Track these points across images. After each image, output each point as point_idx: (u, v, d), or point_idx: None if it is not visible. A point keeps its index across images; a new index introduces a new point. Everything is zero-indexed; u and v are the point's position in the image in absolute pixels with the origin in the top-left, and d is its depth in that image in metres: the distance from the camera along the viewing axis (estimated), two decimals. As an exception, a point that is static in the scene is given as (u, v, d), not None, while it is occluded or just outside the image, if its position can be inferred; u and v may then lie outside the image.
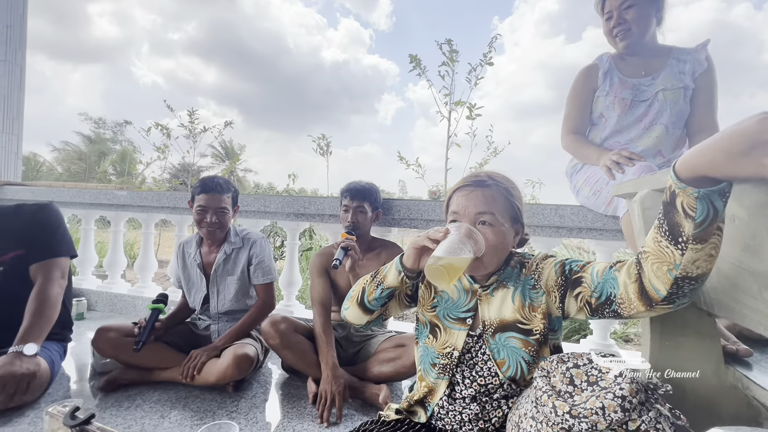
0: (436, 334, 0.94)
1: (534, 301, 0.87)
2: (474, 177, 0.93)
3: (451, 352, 0.91)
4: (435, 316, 0.96)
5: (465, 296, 0.94)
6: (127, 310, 2.49)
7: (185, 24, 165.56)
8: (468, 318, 0.92)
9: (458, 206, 0.90)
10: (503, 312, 0.88)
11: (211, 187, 1.58)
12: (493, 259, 0.87)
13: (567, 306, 0.84)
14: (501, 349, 0.87)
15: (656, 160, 1.43)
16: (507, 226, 0.88)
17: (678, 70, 1.42)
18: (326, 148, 6.01)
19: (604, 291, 0.77)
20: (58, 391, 1.42)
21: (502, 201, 0.89)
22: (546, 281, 0.86)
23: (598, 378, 0.71)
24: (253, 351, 1.46)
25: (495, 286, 0.92)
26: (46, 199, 2.60)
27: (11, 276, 1.41)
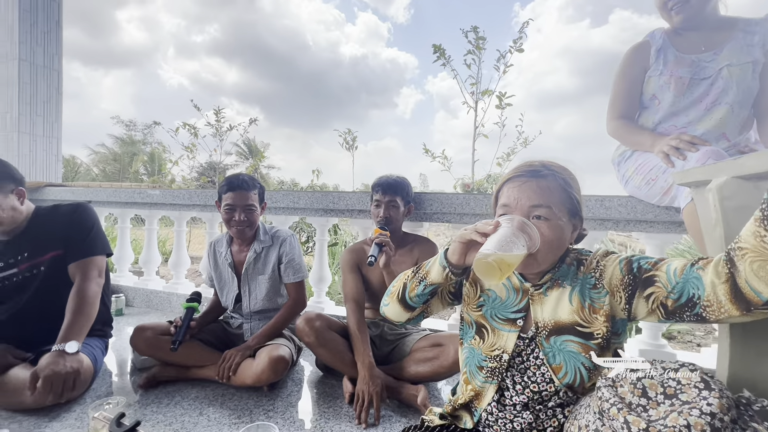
0: (483, 335, 0.88)
1: (595, 301, 0.79)
2: (527, 166, 0.84)
3: (500, 354, 0.85)
4: (481, 316, 0.89)
5: (515, 295, 0.87)
6: (163, 305, 2.55)
7: (207, 26, 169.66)
8: (518, 319, 0.85)
9: (510, 198, 0.82)
10: (559, 313, 0.81)
11: (237, 185, 1.56)
12: (549, 256, 0.80)
13: (635, 308, 0.76)
14: (557, 354, 0.80)
15: (720, 143, 1.29)
16: (564, 220, 0.80)
17: (745, 43, 1.28)
18: (352, 143, 5.98)
19: (684, 292, 0.68)
20: (101, 387, 1.46)
21: (559, 193, 0.80)
22: (610, 280, 0.78)
23: (677, 390, 0.63)
24: (287, 352, 1.44)
25: (549, 285, 0.84)
26: (84, 198, 2.69)
27: (51, 275, 1.45)
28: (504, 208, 0.83)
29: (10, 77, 3.13)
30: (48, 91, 3.28)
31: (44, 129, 3.28)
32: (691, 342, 3.01)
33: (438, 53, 4.46)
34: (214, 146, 6.61)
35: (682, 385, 0.64)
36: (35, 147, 3.23)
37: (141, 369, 1.61)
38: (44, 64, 3.23)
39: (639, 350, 1.63)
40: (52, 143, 3.34)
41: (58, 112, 3.38)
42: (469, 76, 4.41)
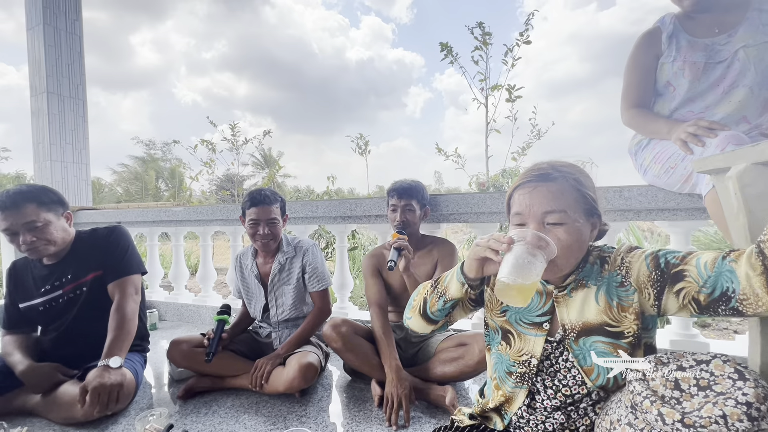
0: (509, 341, 0.87)
1: (623, 300, 0.77)
2: (535, 170, 0.82)
3: (529, 360, 0.84)
4: (506, 322, 0.88)
5: (538, 299, 0.85)
6: (193, 318, 2.65)
7: (216, 42, 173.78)
8: (544, 322, 0.84)
9: (521, 206, 0.80)
10: (586, 314, 0.80)
11: (259, 200, 1.63)
12: (570, 260, 0.78)
13: (664, 303, 0.74)
14: (587, 355, 0.79)
15: (740, 127, 1.26)
16: (582, 221, 0.78)
17: (761, 23, 1.24)
18: (365, 147, 6.04)
19: (718, 285, 0.67)
20: (143, 399, 1.53)
21: (572, 194, 0.78)
22: (637, 277, 0.76)
23: (710, 382, 0.63)
24: (316, 359, 1.49)
25: (573, 286, 0.82)
26: (114, 220, 2.82)
27: (92, 295, 1.54)
28: (517, 216, 0.82)
29: (40, 109, 3.32)
30: (75, 119, 3.46)
31: (74, 156, 3.47)
32: (726, 329, 2.91)
33: (445, 51, 4.46)
34: (231, 159, 6.80)
35: (716, 377, 0.63)
36: (66, 173, 3.41)
37: (178, 380, 1.68)
38: (70, 94, 3.42)
39: (670, 341, 1.60)
40: (81, 169, 3.52)
41: (85, 138, 3.56)
42: (478, 72, 4.40)
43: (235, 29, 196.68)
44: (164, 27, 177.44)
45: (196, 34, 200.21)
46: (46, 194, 1.48)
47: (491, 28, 4.37)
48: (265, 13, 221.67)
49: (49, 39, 3.29)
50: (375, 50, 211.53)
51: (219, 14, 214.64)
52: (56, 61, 3.33)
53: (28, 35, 3.40)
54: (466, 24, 4.34)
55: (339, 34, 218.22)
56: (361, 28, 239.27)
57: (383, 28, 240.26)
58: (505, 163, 4.64)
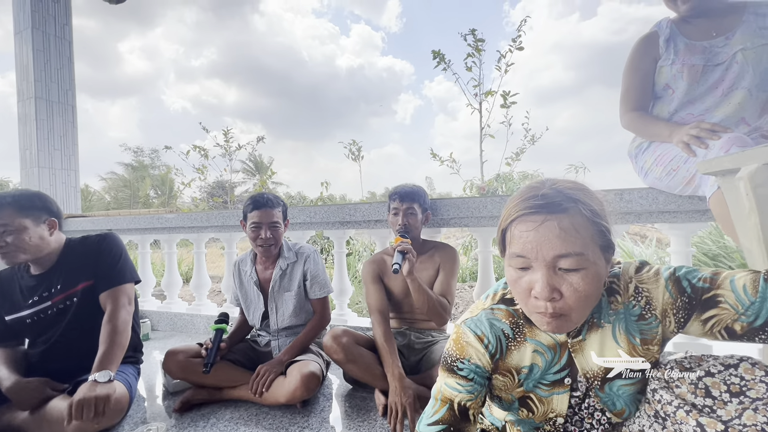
0: (530, 408, 0.77)
1: (646, 333, 0.69)
2: (539, 197, 0.65)
3: (554, 419, 0.76)
4: (523, 391, 0.77)
5: (552, 354, 0.75)
6: (187, 328, 2.58)
7: (205, 50, 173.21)
8: (565, 377, 0.75)
9: (525, 247, 0.64)
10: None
11: (262, 203, 1.60)
12: (586, 312, 0.66)
13: (689, 329, 0.67)
14: (617, 400, 0.73)
15: (740, 128, 1.27)
16: (600, 262, 0.65)
17: (757, 26, 1.27)
18: (358, 153, 6.04)
19: (762, 313, 0.59)
20: (137, 413, 1.48)
21: (589, 229, 0.63)
22: (662, 307, 0.67)
23: (742, 387, 0.60)
24: (318, 368, 1.45)
25: (586, 329, 0.73)
26: (105, 227, 2.75)
27: (83, 306, 1.48)
28: (519, 260, 0.66)
29: (28, 115, 3.24)
30: (64, 125, 3.39)
31: (62, 162, 3.38)
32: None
33: (438, 58, 4.49)
34: (223, 166, 6.73)
35: (747, 381, 0.60)
36: (55, 180, 3.32)
37: (173, 393, 1.63)
38: (59, 100, 3.34)
39: (673, 343, 1.59)
40: (70, 176, 3.44)
41: (74, 145, 3.48)
42: (471, 78, 4.43)
43: (224, 37, 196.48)
44: (153, 34, 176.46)
45: (185, 41, 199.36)
46: (30, 200, 1.42)
47: (480, 36, 4.43)
48: (255, 21, 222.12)
49: (38, 43, 3.23)
50: (365, 57, 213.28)
51: (208, 22, 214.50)
52: (45, 66, 3.26)
53: (15, 39, 3.33)
54: (459, 31, 4.39)
55: (329, 42, 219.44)
56: (351, 36, 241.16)
57: (373, 36, 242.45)
58: (500, 168, 4.67)
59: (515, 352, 0.76)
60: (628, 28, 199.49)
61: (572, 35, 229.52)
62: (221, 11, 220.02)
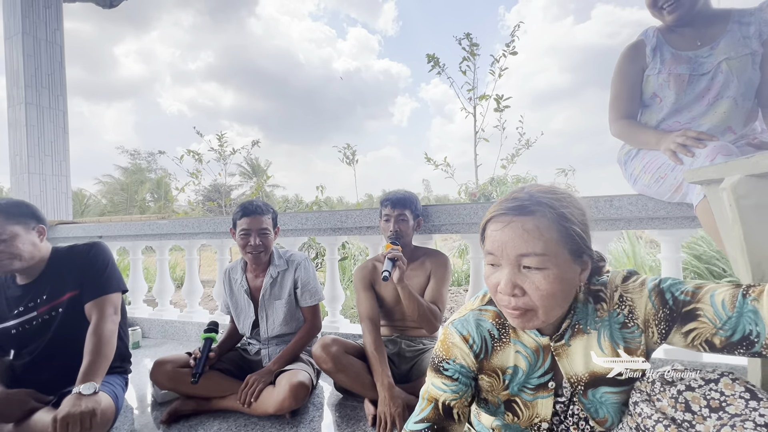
0: (515, 412, 0.78)
1: (630, 342, 0.70)
2: (512, 200, 0.69)
3: (539, 424, 0.77)
4: (509, 395, 0.78)
5: (535, 357, 0.76)
6: (179, 335, 2.55)
7: (201, 53, 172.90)
8: (548, 381, 0.76)
9: (493, 245, 0.69)
10: (591, 364, 0.72)
11: (251, 210, 1.60)
12: (552, 311, 0.67)
13: (671, 340, 0.68)
14: (599, 407, 0.73)
15: (726, 137, 1.28)
16: (566, 265, 0.66)
17: (741, 35, 1.28)
18: (352, 157, 6.04)
19: (739, 329, 0.61)
20: (124, 425, 1.46)
21: (554, 232, 0.65)
22: (644, 317, 0.69)
23: (722, 402, 0.61)
24: (307, 377, 1.43)
25: (570, 334, 0.74)
26: (95, 234, 2.72)
27: (69, 316, 1.46)
28: (490, 257, 0.71)
29: (18, 120, 3.22)
30: (55, 131, 3.36)
31: (53, 168, 3.35)
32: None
33: (433, 62, 4.51)
34: (218, 170, 6.70)
35: (727, 396, 0.61)
36: (45, 186, 3.29)
37: (162, 403, 1.60)
38: (50, 105, 3.32)
39: (664, 350, 1.60)
40: (61, 182, 3.41)
41: (66, 150, 3.46)
42: (466, 82, 4.45)
43: (220, 40, 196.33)
44: (149, 38, 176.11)
45: (181, 44, 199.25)
46: (18, 207, 1.41)
47: (475, 40, 4.45)
48: (251, 24, 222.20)
49: (29, 49, 3.21)
50: (362, 60, 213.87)
51: (204, 25, 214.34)
52: (35, 71, 3.24)
53: (5, 45, 3.31)
54: (454, 35, 4.41)
55: (326, 45, 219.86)
56: (348, 40, 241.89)
57: (369, 40, 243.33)
58: (494, 172, 4.68)
59: (500, 353, 0.78)
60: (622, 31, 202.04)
61: (567, 38, 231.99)
62: (217, 14, 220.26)
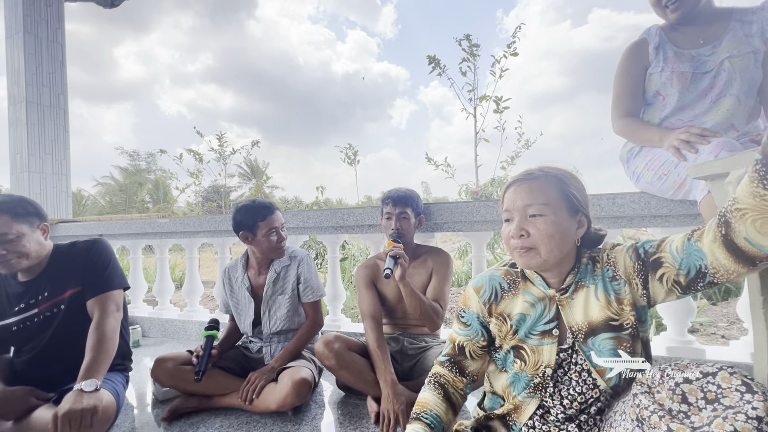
0: (523, 357, 0.87)
1: (618, 293, 0.82)
2: (524, 172, 0.89)
3: (544, 370, 0.84)
4: (518, 340, 0.88)
5: (542, 306, 0.88)
6: (179, 334, 2.54)
7: (200, 55, 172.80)
8: (553, 329, 0.85)
9: (508, 203, 0.88)
10: (590, 313, 0.83)
11: (273, 208, 1.66)
12: (553, 250, 0.81)
13: (652, 291, 0.79)
14: (598, 355, 0.81)
15: (729, 134, 1.28)
16: (563, 216, 0.82)
17: (743, 33, 1.28)
18: (354, 157, 6.04)
19: (691, 266, 0.72)
20: (125, 422, 1.45)
21: (554, 190, 0.83)
22: (624, 269, 0.81)
23: (718, 395, 0.62)
24: (309, 374, 1.43)
25: (573, 288, 0.86)
26: (96, 233, 2.72)
27: (71, 313, 1.45)
28: (506, 213, 0.88)
29: (19, 119, 3.21)
30: (55, 130, 3.36)
31: (53, 167, 3.35)
32: (714, 334, 2.95)
33: (433, 63, 4.52)
34: (218, 170, 6.70)
35: (723, 389, 0.62)
36: (45, 185, 3.28)
37: (163, 401, 1.60)
38: (50, 104, 3.32)
39: (666, 348, 1.60)
40: (61, 180, 3.40)
41: (66, 149, 3.45)
42: (466, 83, 4.46)
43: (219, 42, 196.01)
44: (148, 39, 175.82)
45: (181, 46, 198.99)
46: (22, 205, 1.40)
47: (475, 41, 4.46)
48: (250, 26, 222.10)
49: (30, 47, 3.20)
50: (361, 63, 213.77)
51: (203, 27, 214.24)
52: (36, 70, 3.24)
53: (7, 43, 3.30)
54: (454, 36, 4.42)
55: (325, 48, 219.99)
56: (347, 42, 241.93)
57: (369, 42, 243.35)
58: (494, 172, 4.69)
59: (508, 301, 0.92)
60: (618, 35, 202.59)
61: (563, 42, 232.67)
62: (217, 17, 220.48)
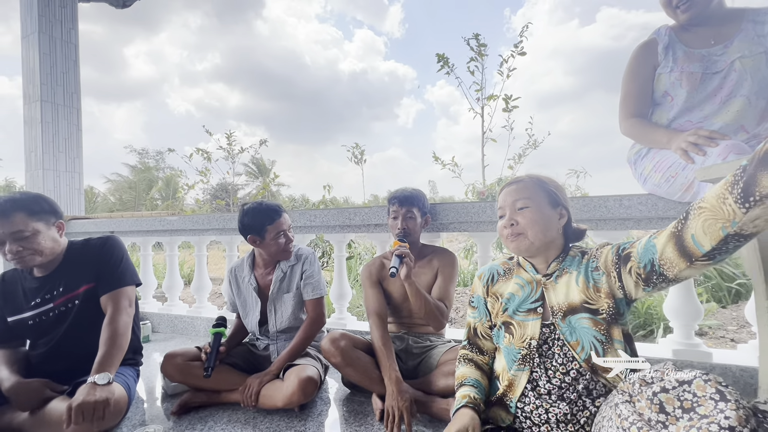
0: (511, 331, 1.01)
1: (597, 282, 0.92)
2: (513, 178, 1.09)
3: (529, 342, 0.96)
4: (507, 316, 1.04)
5: (530, 288, 1.02)
6: (188, 330, 2.59)
7: (208, 54, 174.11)
8: (537, 307, 0.99)
9: (501, 202, 1.06)
10: (570, 296, 0.94)
11: (281, 210, 1.68)
12: (538, 235, 0.97)
13: (625, 283, 0.87)
14: (572, 332, 0.92)
15: (738, 136, 1.27)
16: (546, 207, 1.00)
17: (755, 34, 1.27)
18: (361, 156, 6.06)
19: (646, 259, 0.80)
20: (136, 415, 1.48)
21: (535, 189, 1.02)
22: (605, 262, 0.92)
23: (693, 404, 0.62)
24: (315, 372, 1.45)
25: (558, 274, 1.00)
26: (107, 229, 2.77)
27: (85, 308, 1.49)
28: (499, 210, 1.06)
29: (34, 118, 3.28)
30: (69, 128, 3.42)
31: (66, 164, 3.41)
32: (723, 337, 2.91)
33: (442, 62, 4.51)
34: (227, 169, 6.76)
35: (698, 397, 0.63)
36: (59, 182, 3.35)
37: (172, 395, 1.63)
38: (64, 102, 3.38)
39: (673, 351, 1.59)
40: (74, 178, 3.47)
41: (79, 147, 3.51)
42: (474, 83, 4.44)
43: (227, 42, 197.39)
44: (158, 39, 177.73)
45: (189, 46, 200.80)
46: (38, 203, 1.44)
47: (483, 41, 4.44)
48: (258, 26, 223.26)
49: (44, 47, 3.27)
50: (368, 62, 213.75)
51: (211, 27, 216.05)
52: (51, 70, 3.30)
53: (23, 43, 3.37)
54: (463, 35, 4.40)
55: (332, 47, 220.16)
56: (354, 41, 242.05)
57: (376, 41, 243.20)
58: (502, 172, 4.67)
59: (502, 283, 1.10)
60: (627, 34, 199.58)
61: (571, 41, 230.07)
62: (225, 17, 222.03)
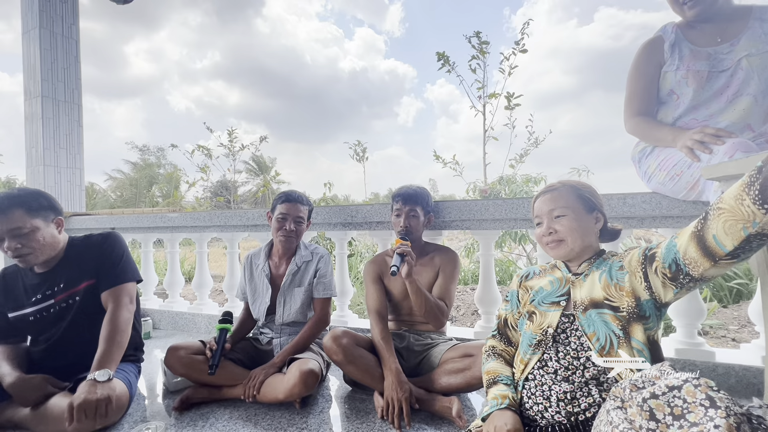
0: (532, 319, 1.06)
1: (620, 280, 0.93)
2: (547, 186, 1.11)
3: (546, 329, 1.01)
4: (532, 306, 1.08)
5: (559, 284, 1.06)
6: (189, 327, 2.59)
7: (208, 52, 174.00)
8: (561, 301, 1.02)
9: (537, 210, 1.09)
10: (593, 292, 0.97)
11: (294, 198, 1.71)
12: (577, 241, 1.01)
13: (653, 284, 0.87)
14: (591, 324, 0.94)
15: (745, 134, 1.27)
16: (582, 213, 1.03)
17: (763, 32, 1.26)
18: (362, 153, 6.05)
19: (670, 259, 0.81)
20: (137, 411, 1.48)
21: (571, 196, 1.04)
22: (629, 262, 0.93)
23: (684, 410, 0.61)
24: (317, 366, 1.45)
25: (587, 273, 1.02)
26: (108, 226, 2.77)
27: (86, 305, 1.49)
28: (536, 218, 1.10)
29: (34, 113, 3.27)
30: (69, 124, 3.41)
31: (67, 161, 3.41)
32: (725, 336, 2.91)
33: (443, 60, 4.50)
34: (227, 166, 6.75)
35: (688, 404, 0.61)
36: (60, 179, 3.35)
37: (173, 391, 1.63)
38: (65, 98, 3.37)
39: (675, 350, 1.58)
40: (75, 174, 3.46)
41: (80, 144, 3.51)
42: (476, 80, 4.43)
43: (227, 40, 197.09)
44: (158, 37, 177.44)
45: (189, 43, 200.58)
46: (37, 199, 1.43)
47: (484, 39, 4.42)
48: (258, 24, 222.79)
49: (45, 43, 3.26)
50: (368, 60, 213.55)
51: (211, 25, 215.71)
52: (52, 65, 3.29)
53: (23, 39, 3.36)
54: (464, 33, 4.38)
55: (332, 45, 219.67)
56: (354, 40, 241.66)
57: (376, 40, 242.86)
58: (503, 170, 4.65)
59: (536, 280, 1.14)
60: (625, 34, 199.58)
61: (570, 40, 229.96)
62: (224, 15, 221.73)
